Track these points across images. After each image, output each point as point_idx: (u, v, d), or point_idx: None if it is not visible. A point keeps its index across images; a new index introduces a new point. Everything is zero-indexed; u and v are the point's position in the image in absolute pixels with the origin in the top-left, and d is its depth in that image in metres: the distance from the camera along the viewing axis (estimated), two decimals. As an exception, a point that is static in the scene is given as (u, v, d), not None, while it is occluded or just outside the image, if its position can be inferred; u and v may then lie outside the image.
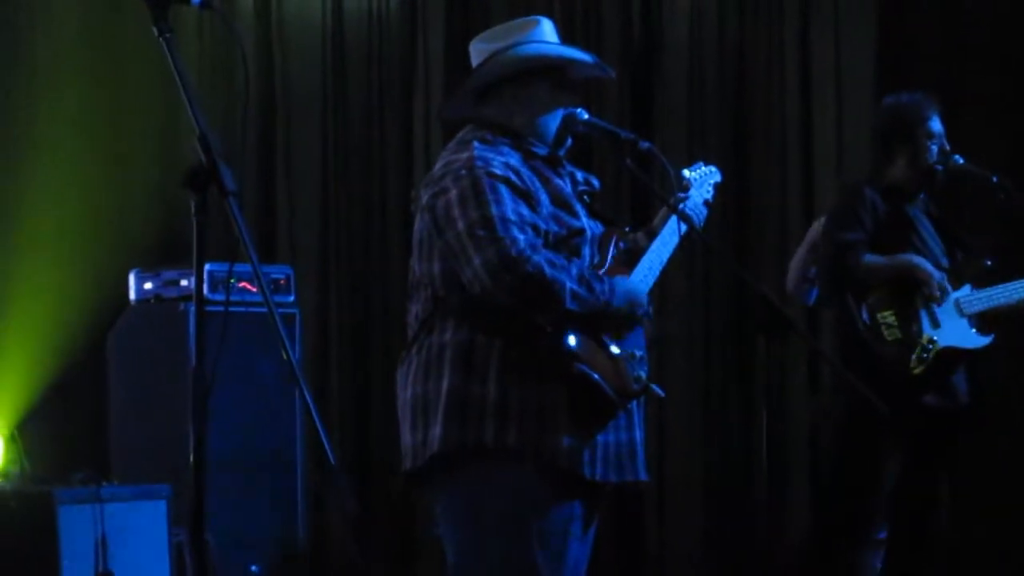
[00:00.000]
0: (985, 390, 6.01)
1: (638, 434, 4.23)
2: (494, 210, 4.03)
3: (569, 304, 4.01)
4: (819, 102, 8.25)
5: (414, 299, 4.25)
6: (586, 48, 4.56)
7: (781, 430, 7.94)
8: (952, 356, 5.85)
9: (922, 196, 6.08)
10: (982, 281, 5.96)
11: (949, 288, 5.88)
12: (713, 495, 8.32)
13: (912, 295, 5.87)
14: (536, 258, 3.99)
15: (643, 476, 4.26)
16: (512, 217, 4.04)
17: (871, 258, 5.86)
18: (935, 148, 6.00)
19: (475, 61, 4.34)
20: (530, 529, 4.08)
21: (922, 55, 8.06)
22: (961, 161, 6.02)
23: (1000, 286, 5.94)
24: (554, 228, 4.15)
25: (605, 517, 4.36)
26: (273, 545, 7.41)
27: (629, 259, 4.35)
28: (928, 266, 5.86)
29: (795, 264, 6.57)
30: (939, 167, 6.01)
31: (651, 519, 8.40)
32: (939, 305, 5.87)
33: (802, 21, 8.32)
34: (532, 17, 4.42)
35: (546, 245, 4.09)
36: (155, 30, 3.29)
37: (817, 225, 6.74)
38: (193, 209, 3.20)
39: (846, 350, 5.85)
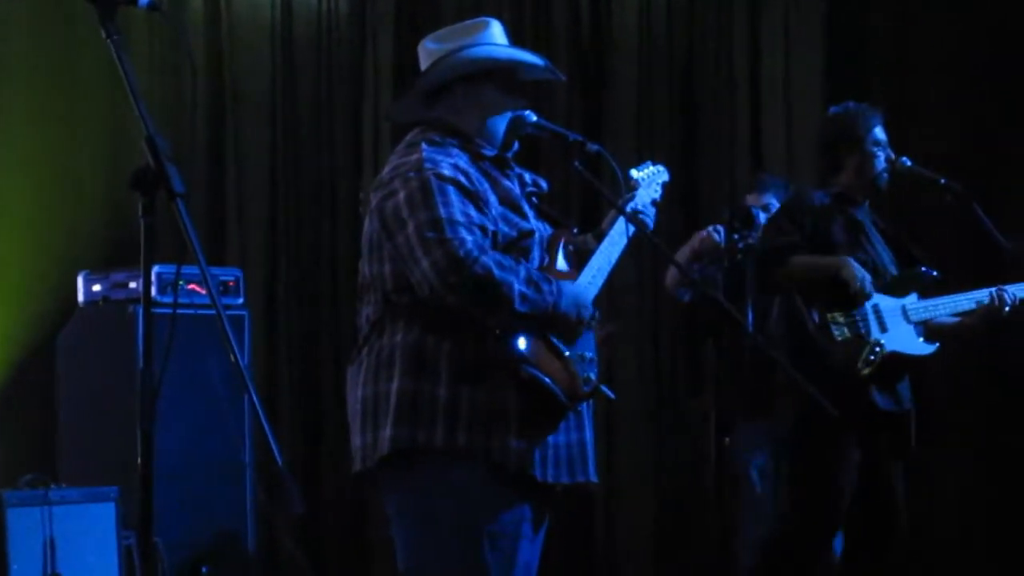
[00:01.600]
0: (931, 399, 6.03)
1: (588, 434, 4.24)
2: (442, 212, 4.03)
3: (518, 306, 4.01)
4: (768, 103, 8.30)
5: (364, 301, 4.24)
6: (535, 49, 4.57)
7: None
8: (898, 361, 5.87)
9: (866, 204, 6.12)
10: (928, 291, 5.99)
11: (873, 292, 5.89)
12: (663, 495, 8.34)
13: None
14: (484, 259, 3.99)
15: (594, 478, 4.27)
16: (460, 219, 4.04)
17: (801, 257, 5.88)
18: (881, 156, 6.05)
19: (424, 62, 4.34)
20: (480, 531, 4.08)
21: (870, 59, 8.11)
22: (909, 163, 6.06)
23: (945, 297, 5.98)
24: (504, 229, 4.15)
25: (555, 518, 4.36)
26: (223, 547, 7.38)
27: (578, 261, 4.36)
28: (857, 268, 5.87)
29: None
30: (885, 175, 6.05)
31: (600, 519, 8.41)
32: (859, 307, 5.87)
33: (751, 22, 8.36)
34: (481, 19, 4.42)
35: (496, 246, 4.10)
36: (103, 31, 3.29)
37: (702, 233, 6.85)
38: (140, 211, 3.19)
39: (794, 351, 5.85)
